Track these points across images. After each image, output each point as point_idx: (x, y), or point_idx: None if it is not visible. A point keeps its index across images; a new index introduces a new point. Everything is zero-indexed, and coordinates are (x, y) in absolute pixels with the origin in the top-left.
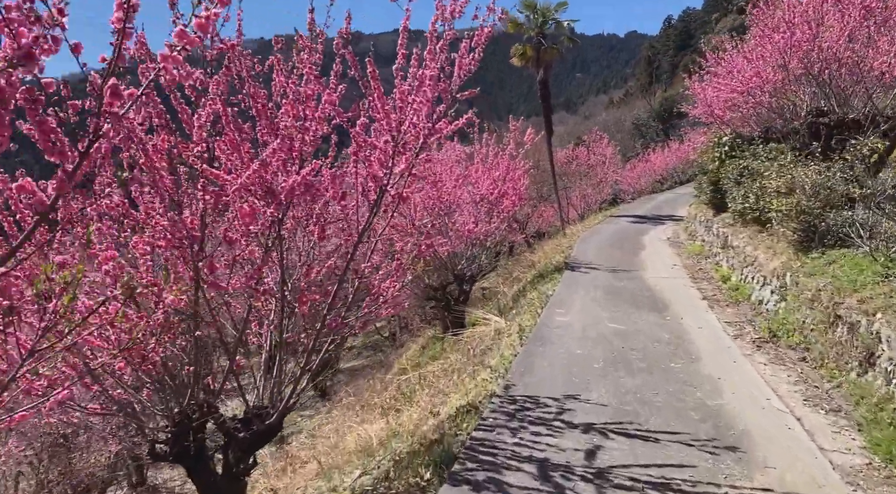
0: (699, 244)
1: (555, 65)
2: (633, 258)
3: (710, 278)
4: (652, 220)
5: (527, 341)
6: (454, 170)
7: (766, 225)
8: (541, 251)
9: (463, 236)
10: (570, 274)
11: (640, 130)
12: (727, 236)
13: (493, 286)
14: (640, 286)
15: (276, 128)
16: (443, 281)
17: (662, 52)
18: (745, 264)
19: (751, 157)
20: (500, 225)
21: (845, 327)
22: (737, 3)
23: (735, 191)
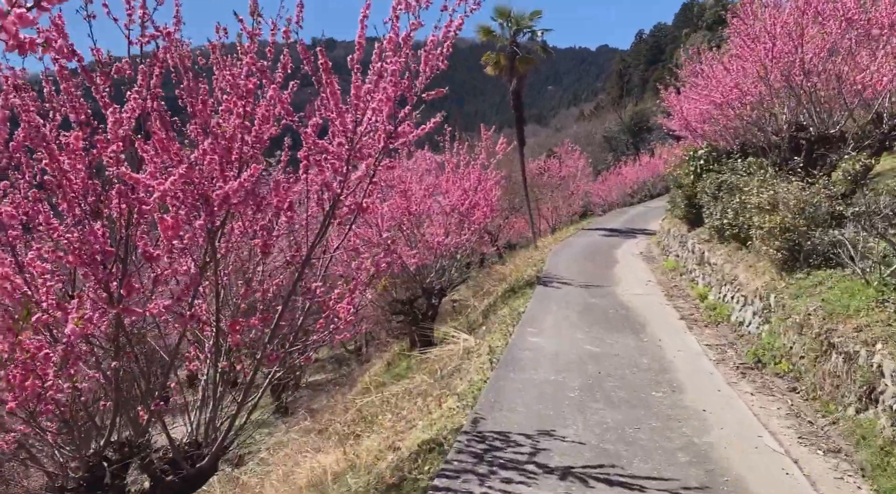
0: (673, 259)
1: (529, 75)
2: (606, 273)
3: (687, 296)
4: (624, 234)
5: (497, 365)
6: (424, 180)
7: (747, 242)
8: (512, 264)
9: (432, 248)
10: (543, 290)
11: (611, 143)
12: (703, 252)
13: (464, 299)
14: (614, 303)
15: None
16: (411, 295)
17: (633, 66)
18: (724, 282)
19: (729, 172)
20: (471, 236)
21: (840, 357)
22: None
23: (712, 206)
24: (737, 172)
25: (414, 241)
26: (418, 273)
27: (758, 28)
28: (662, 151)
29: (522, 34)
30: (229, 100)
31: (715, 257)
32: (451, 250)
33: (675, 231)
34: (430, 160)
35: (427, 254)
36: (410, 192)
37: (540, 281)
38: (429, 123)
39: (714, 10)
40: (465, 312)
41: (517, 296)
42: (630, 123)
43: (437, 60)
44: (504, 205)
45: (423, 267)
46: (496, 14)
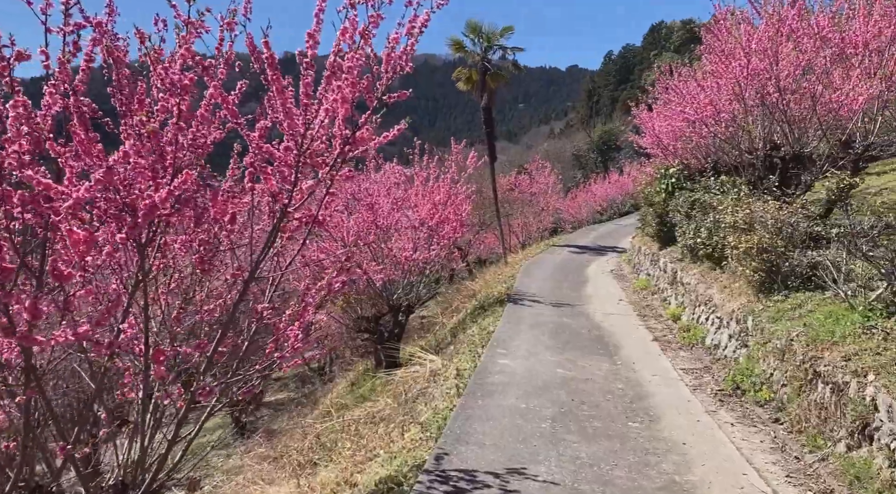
0: (644, 278)
1: (499, 92)
2: (577, 291)
3: (659, 316)
4: (594, 251)
5: (465, 391)
6: (392, 193)
7: (721, 262)
8: (482, 280)
9: (400, 263)
10: (513, 308)
11: (580, 161)
12: (676, 272)
13: (432, 316)
14: (587, 323)
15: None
16: (377, 312)
17: (603, 86)
18: (698, 303)
19: (702, 190)
20: (441, 252)
21: (828, 387)
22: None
23: (685, 224)
24: (710, 191)
25: (381, 256)
26: (385, 289)
27: (732, 44)
28: (631, 169)
29: (493, 51)
30: (165, 98)
31: (688, 277)
32: (420, 266)
33: (646, 249)
34: (399, 173)
35: (394, 270)
36: (377, 206)
37: (510, 298)
38: (392, 130)
39: (681, 33)
40: (434, 330)
41: (487, 315)
42: (599, 142)
43: (401, 60)
44: (474, 220)
45: (390, 284)
46: (467, 29)
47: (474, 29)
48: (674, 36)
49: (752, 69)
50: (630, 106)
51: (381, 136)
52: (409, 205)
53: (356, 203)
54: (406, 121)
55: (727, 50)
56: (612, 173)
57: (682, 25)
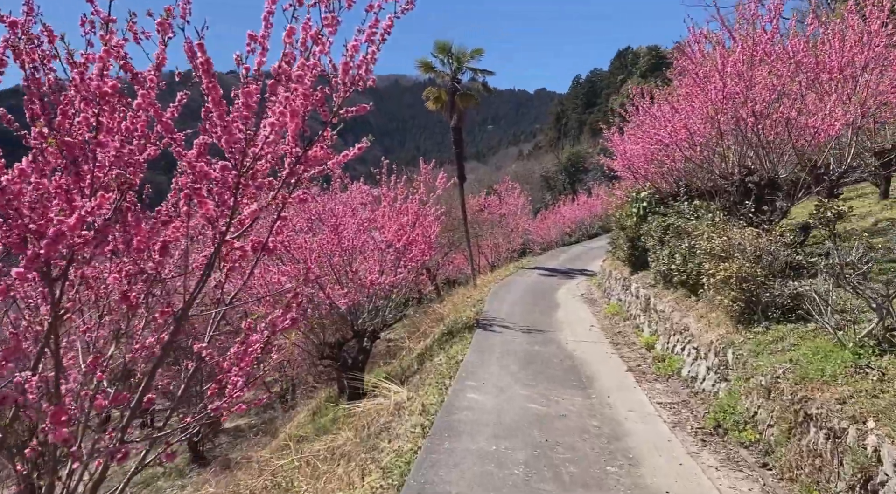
0: (615, 303)
1: (469, 113)
2: (548, 316)
3: (633, 344)
4: (564, 274)
5: (430, 431)
6: (358, 214)
7: (697, 289)
8: (450, 303)
9: (365, 287)
10: (482, 335)
11: (549, 183)
12: (649, 298)
13: (399, 339)
14: (558, 352)
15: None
16: (341, 337)
17: (571, 109)
18: (673, 332)
19: (675, 215)
20: (408, 275)
21: (822, 432)
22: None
23: (659, 250)
24: (684, 216)
25: (345, 280)
26: (350, 314)
27: (708, 67)
28: (600, 191)
29: (463, 72)
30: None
31: (662, 304)
32: (386, 289)
33: (617, 273)
34: (366, 193)
35: (359, 294)
36: (342, 227)
37: (479, 324)
38: (352, 149)
39: (647, 58)
40: (400, 355)
41: (455, 341)
42: (567, 164)
43: (360, 69)
44: (443, 241)
45: (355, 308)
46: (437, 50)
47: (443, 49)
48: (640, 61)
49: (727, 93)
50: (601, 128)
51: (341, 155)
52: (375, 226)
53: (320, 224)
54: (368, 140)
55: (702, 72)
56: (581, 195)
57: (648, 51)
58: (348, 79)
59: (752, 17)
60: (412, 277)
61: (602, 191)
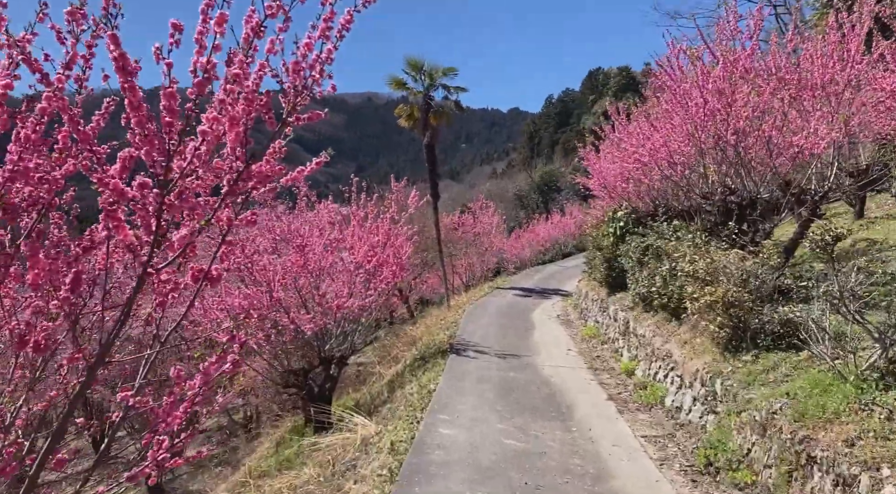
0: (593, 325)
1: (443, 131)
2: (524, 339)
3: (612, 369)
4: (539, 294)
5: (399, 475)
6: (325, 234)
7: (680, 314)
8: (423, 325)
9: (332, 311)
10: (456, 360)
11: (523, 201)
12: (628, 321)
13: (370, 363)
14: (536, 379)
15: None
16: (307, 364)
17: (543, 129)
18: (654, 357)
19: (655, 235)
20: (378, 298)
21: (829, 478)
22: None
23: (638, 271)
24: (663, 236)
25: (311, 303)
26: (316, 339)
27: (689, 83)
28: (573, 209)
29: (436, 88)
30: None
31: (642, 328)
32: (355, 313)
33: (593, 294)
34: (335, 212)
35: (326, 318)
36: (308, 247)
37: (453, 348)
38: (309, 164)
39: (618, 79)
40: (370, 381)
41: (428, 367)
42: (540, 183)
43: (314, 70)
44: (417, 261)
45: (322, 333)
46: (408, 67)
47: (415, 66)
48: (611, 81)
49: (708, 109)
50: (576, 146)
51: (296, 171)
52: (344, 246)
53: (286, 244)
54: (328, 153)
55: (682, 89)
56: (555, 213)
57: (618, 72)
58: (300, 81)
59: (732, 32)
60: (383, 299)
61: (576, 210)
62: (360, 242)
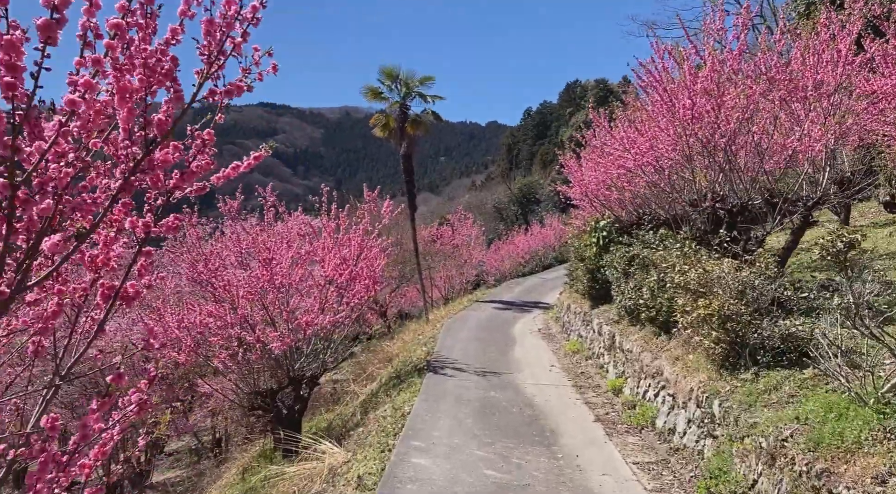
0: (576, 339)
1: (420, 142)
2: (505, 355)
3: (597, 387)
4: (520, 307)
5: None
6: (294, 247)
7: (670, 327)
8: (400, 341)
9: (301, 328)
10: (433, 380)
11: (501, 213)
12: (614, 336)
13: (345, 380)
14: (518, 399)
15: None
16: (276, 384)
17: (522, 141)
18: (643, 375)
19: (640, 245)
20: (351, 314)
21: None
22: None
23: (623, 283)
24: (649, 245)
25: (279, 320)
26: (286, 357)
27: (676, 84)
28: (553, 221)
29: (412, 98)
30: None
31: (629, 343)
32: (327, 329)
33: (576, 307)
34: (305, 224)
35: (294, 336)
36: (276, 261)
37: (430, 366)
38: (246, 160)
39: (595, 91)
40: (344, 400)
41: (403, 387)
42: (519, 195)
43: (230, 28)
44: (394, 274)
45: (291, 351)
46: (383, 76)
47: (390, 75)
48: (588, 94)
49: (696, 111)
50: (557, 154)
51: (231, 167)
52: (315, 259)
53: (253, 258)
54: (269, 145)
55: (670, 90)
56: (535, 225)
57: (595, 84)
58: (216, 42)
59: (719, 31)
60: (356, 315)
61: (556, 221)
62: (330, 255)
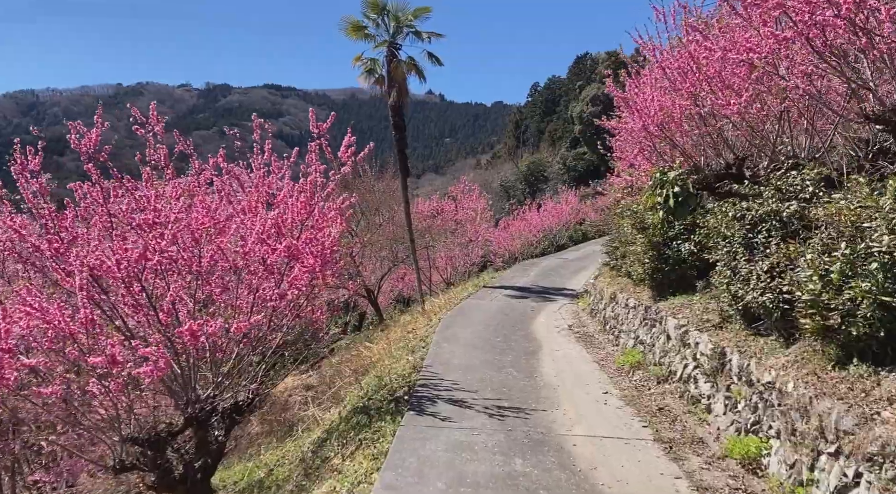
0: (633, 347)
1: (427, 125)
2: (528, 373)
3: (701, 445)
4: (539, 295)
5: None
6: (199, 208)
7: (872, 349)
8: (385, 340)
9: (185, 339)
10: (414, 428)
11: (508, 192)
12: (725, 353)
13: (318, 386)
14: (566, 481)
15: None
16: (166, 427)
17: (529, 117)
18: (813, 434)
19: (774, 196)
20: (291, 313)
21: None
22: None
23: (739, 262)
24: (798, 194)
25: (157, 326)
26: (180, 381)
27: None
28: (568, 195)
29: (404, 35)
30: None
31: (763, 370)
32: (251, 339)
33: (626, 297)
34: (236, 177)
35: (187, 352)
36: (158, 228)
37: (414, 395)
38: None
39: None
40: (295, 432)
41: (365, 441)
42: (527, 172)
43: None
44: (384, 254)
45: (185, 375)
46: (368, 8)
47: (376, 5)
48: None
49: None
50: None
51: None
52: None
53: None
54: None
55: None
56: (548, 201)
57: (607, 57)
58: None
59: None
60: (300, 314)
61: (571, 195)
62: (254, 222)
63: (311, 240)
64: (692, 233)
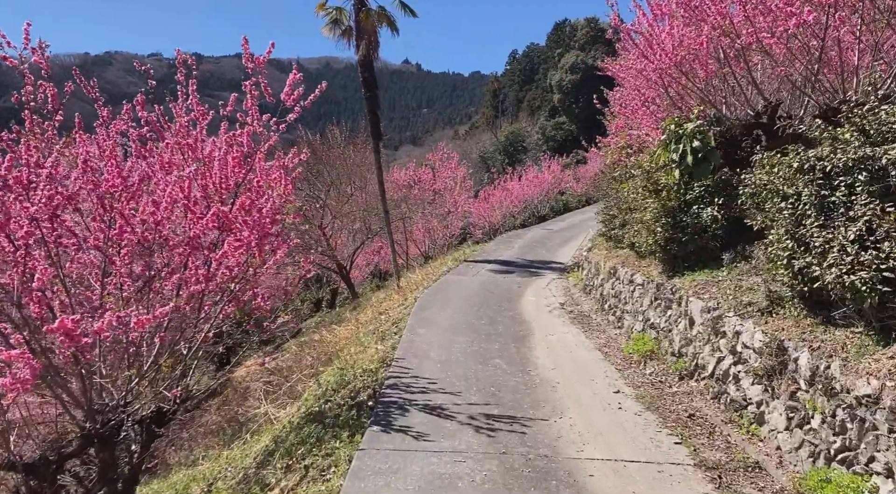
0: (642, 332)
1: (403, 96)
2: (520, 366)
3: (753, 466)
4: (525, 270)
5: None
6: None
7: None
8: (354, 322)
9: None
10: (375, 458)
11: (487, 163)
12: (784, 348)
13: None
14: None
15: None
16: (53, 449)
17: (508, 86)
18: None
19: (853, 138)
20: (226, 299)
21: None
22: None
23: (809, 229)
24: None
25: (28, 324)
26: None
27: None
28: (551, 163)
29: None
30: None
31: (858, 377)
32: (171, 338)
33: (630, 274)
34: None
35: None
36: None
37: (380, 402)
38: None
39: (585, 30)
40: (247, 429)
41: (315, 467)
42: (506, 143)
43: None
44: (357, 226)
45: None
46: None
47: None
48: (578, 33)
49: None
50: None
51: None
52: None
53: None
54: None
55: None
56: (529, 169)
57: (586, 23)
58: None
59: None
60: (241, 299)
61: (554, 164)
62: (165, 183)
63: (248, 206)
64: (716, 196)
